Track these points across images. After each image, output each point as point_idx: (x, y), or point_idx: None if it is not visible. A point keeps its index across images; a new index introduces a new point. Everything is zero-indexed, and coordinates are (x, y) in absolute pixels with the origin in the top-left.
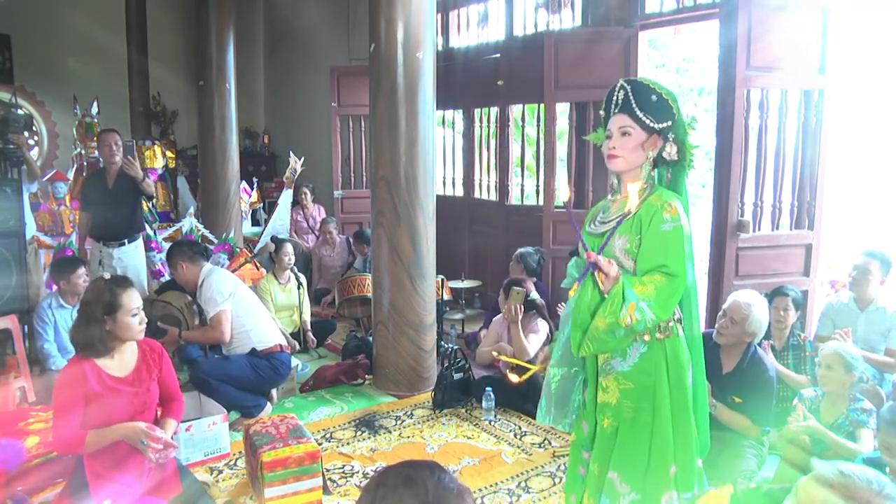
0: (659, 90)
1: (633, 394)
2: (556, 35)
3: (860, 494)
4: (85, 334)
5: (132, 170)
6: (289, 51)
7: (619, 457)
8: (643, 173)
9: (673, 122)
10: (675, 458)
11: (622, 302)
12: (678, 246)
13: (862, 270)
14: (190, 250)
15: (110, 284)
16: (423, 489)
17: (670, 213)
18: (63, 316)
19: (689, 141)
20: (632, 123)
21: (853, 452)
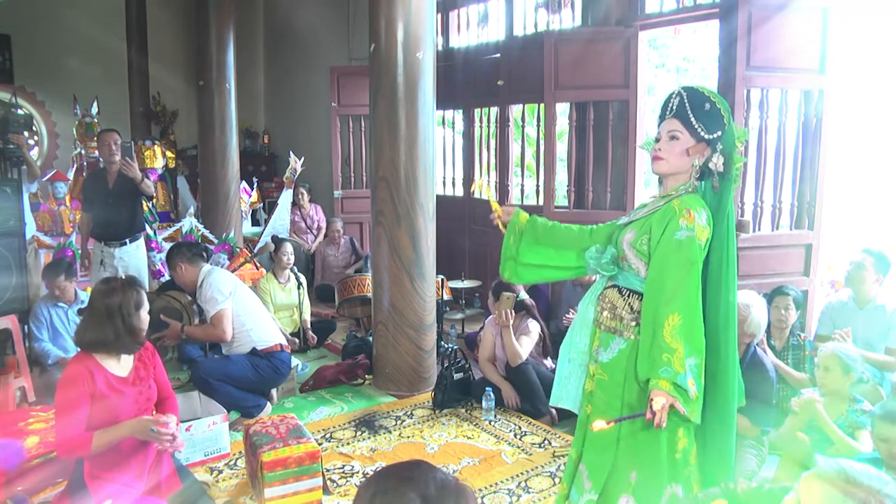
0: (714, 99)
1: (606, 387)
2: (556, 35)
3: (861, 491)
4: (97, 333)
5: (130, 171)
6: (289, 51)
7: (589, 449)
8: (688, 180)
9: (723, 133)
10: (638, 467)
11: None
12: (686, 257)
13: (857, 266)
14: (189, 251)
15: (131, 283)
16: (424, 485)
17: (686, 219)
18: (58, 314)
19: (736, 154)
20: (682, 128)
21: (853, 449)
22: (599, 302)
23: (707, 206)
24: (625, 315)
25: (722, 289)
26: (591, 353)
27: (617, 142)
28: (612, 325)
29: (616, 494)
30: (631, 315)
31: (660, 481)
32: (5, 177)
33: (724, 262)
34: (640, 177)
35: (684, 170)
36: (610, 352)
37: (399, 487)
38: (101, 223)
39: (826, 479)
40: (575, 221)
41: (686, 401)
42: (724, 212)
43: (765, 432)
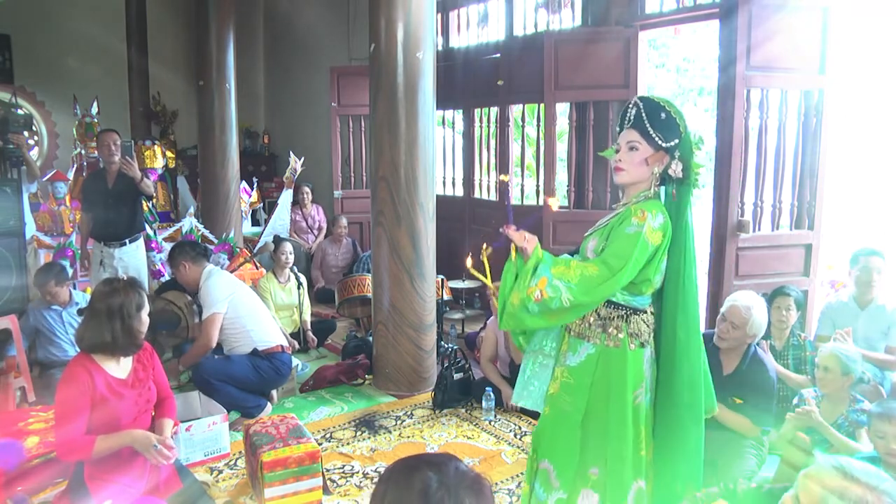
0: (669, 108)
1: (572, 389)
2: (556, 35)
3: (858, 487)
4: (96, 334)
5: (130, 170)
6: (289, 51)
7: (548, 446)
8: (650, 189)
9: (680, 141)
10: (602, 464)
11: (532, 277)
12: (629, 247)
13: (865, 270)
14: (193, 251)
15: (132, 284)
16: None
17: (637, 218)
18: (52, 317)
19: (695, 160)
20: (640, 139)
21: (853, 450)
22: None
23: (666, 213)
24: (592, 321)
25: (680, 295)
26: (559, 357)
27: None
28: (581, 331)
29: (577, 489)
30: (598, 321)
31: (626, 477)
32: (5, 177)
33: (683, 264)
34: None
35: (644, 178)
36: (578, 356)
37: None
38: (101, 223)
39: (824, 475)
40: (575, 221)
41: (527, 279)
42: (683, 217)
43: (765, 432)
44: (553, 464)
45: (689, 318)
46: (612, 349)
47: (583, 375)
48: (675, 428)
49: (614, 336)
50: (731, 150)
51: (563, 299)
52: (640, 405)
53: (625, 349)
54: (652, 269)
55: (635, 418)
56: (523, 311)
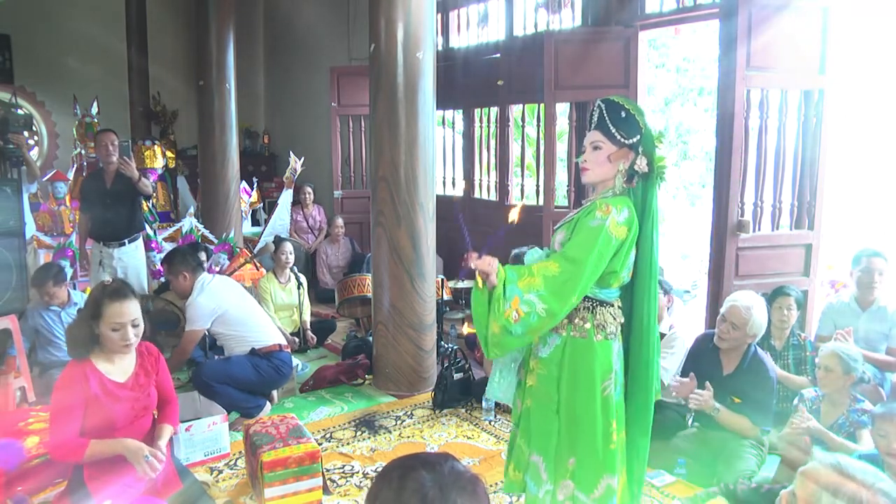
0: (628, 106)
1: (546, 380)
2: (556, 35)
3: (853, 484)
4: (74, 333)
5: (128, 170)
6: (289, 51)
7: (537, 439)
8: (616, 185)
9: (641, 137)
10: (576, 454)
11: (504, 300)
12: (591, 239)
13: (867, 271)
14: (193, 261)
15: (104, 291)
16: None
17: (601, 211)
18: (51, 318)
19: (657, 154)
20: (603, 138)
21: (852, 452)
22: None
23: (633, 208)
24: None
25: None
26: (532, 349)
27: None
28: None
29: (559, 481)
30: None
31: (596, 471)
32: (5, 177)
33: (651, 257)
34: None
35: (610, 176)
36: (548, 347)
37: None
38: (100, 223)
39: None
40: None
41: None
42: (650, 209)
43: (765, 432)
44: (542, 456)
45: (654, 308)
46: (578, 339)
47: (552, 366)
48: (647, 415)
49: (580, 326)
50: (731, 150)
51: (538, 311)
52: (608, 397)
53: (591, 340)
54: (619, 263)
55: (605, 410)
56: (507, 336)
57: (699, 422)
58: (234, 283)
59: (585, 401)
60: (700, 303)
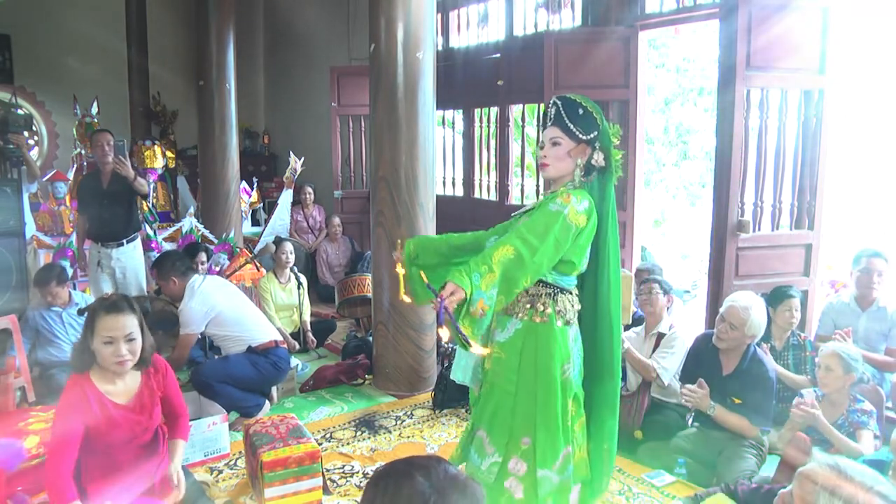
0: (585, 104)
1: (504, 363)
2: (556, 35)
3: (850, 486)
4: (76, 346)
5: (123, 169)
6: (289, 51)
7: (485, 417)
8: (574, 180)
9: (598, 133)
10: (531, 434)
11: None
12: (549, 221)
13: (867, 271)
14: (182, 265)
15: (101, 304)
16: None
17: (562, 199)
18: (52, 318)
19: (614, 149)
20: (561, 134)
21: (855, 451)
22: None
23: (592, 200)
24: (521, 298)
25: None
26: (489, 334)
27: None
28: (509, 307)
29: (509, 455)
30: (526, 298)
31: (556, 446)
32: (5, 177)
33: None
34: (640, 177)
35: (569, 171)
36: (506, 332)
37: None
38: (97, 224)
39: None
40: None
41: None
42: (608, 200)
43: (765, 432)
44: (487, 431)
45: (617, 298)
46: (539, 325)
47: (512, 350)
48: (615, 397)
49: (541, 312)
50: (731, 150)
51: (494, 301)
52: (568, 379)
53: (552, 325)
54: (578, 253)
55: (564, 391)
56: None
57: (699, 422)
58: (226, 282)
59: (546, 384)
60: (700, 303)
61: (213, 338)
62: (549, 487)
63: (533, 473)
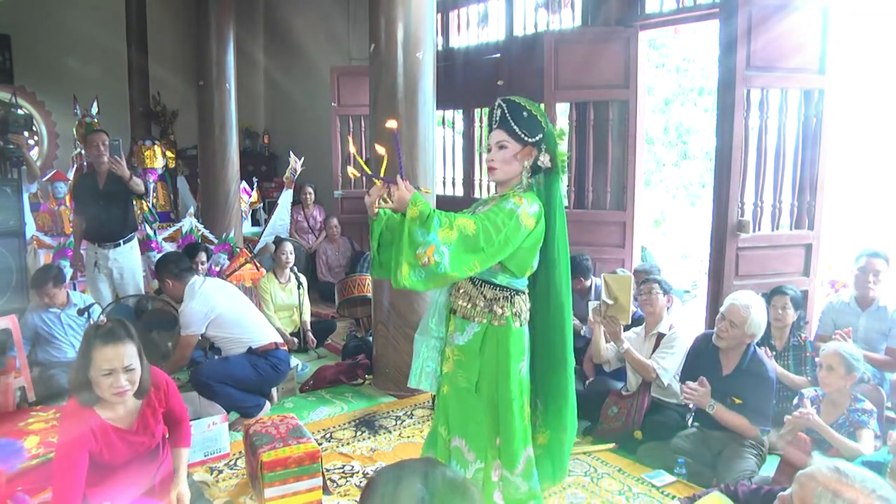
0: (530, 107)
1: (465, 366)
2: (556, 35)
3: (852, 491)
4: (74, 379)
5: (118, 169)
6: (289, 51)
7: (457, 423)
8: (521, 181)
9: (543, 135)
10: (501, 434)
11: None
12: (506, 217)
13: (867, 270)
14: (177, 268)
15: (96, 333)
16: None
17: (515, 200)
18: (50, 320)
19: (559, 150)
20: (508, 137)
21: (855, 452)
22: (454, 292)
23: (541, 203)
24: (479, 303)
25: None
26: (447, 338)
27: (617, 142)
28: (467, 312)
29: (490, 460)
30: (485, 302)
31: (517, 447)
32: (5, 177)
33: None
34: (640, 177)
35: (516, 173)
36: (466, 335)
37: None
38: (94, 224)
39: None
40: (575, 221)
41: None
42: (555, 201)
43: (765, 432)
44: (464, 439)
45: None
46: (498, 327)
47: (472, 352)
48: (565, 390)
49: (500, 315)
50: (731, 150)
51: (445, 264)
52: (523, 377)
53: (509, 327)
54: (530, 255)
55: (520, 390)
56: (411, 275)
57: (699, 422)
58: (226, 284)
59: (506, 383)
60: (700, 303)
61: (213, 339)
62: (517, 495)
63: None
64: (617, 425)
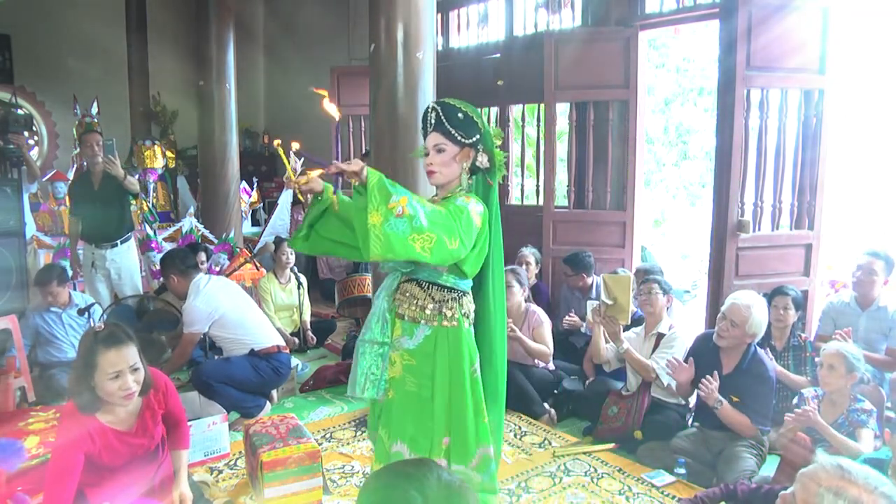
0: (465, 109)
1: (415, 370)
2: (556, 35)
3: (855, 488)
4: (75, 389)
5: (113, 168)
6: (289, 51)
7: (400, 428)
8: (462, 183)
9: (480, 136)
10: (450, 433)
11: (393, 192)
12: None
13: (867, 271)
14: (182, 264)
15: (96, 338)
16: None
17: (465, 199)
18: (51, 319)
19: (496, 150)
20: (445, 140)
21: (854, 451)
22: (397, 295)
23: (485, 204)
24: (428, 305)
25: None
26: (393, 343)
27: (617, 142)
28: (415, 315)
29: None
30: (434, 305)
31: (471, 444)
32: (5, 177)
33: (497, 244)
34: (640, 177)
35: (456, 175)
36: (416, 339)
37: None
38: (90, 225)
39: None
40: (575, 221)
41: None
42: (493, 201)
43: (765, 432)
44: (407, 443)
45: (503, 292)
46: (449, 328)
47: (423, 356)
48: (502, 386)
49: (450, 317)
50: (731, 150)
51: (421, 219)
52: (476, 378)
53: (460, 328)
54: (482, 255)
55: (474, 389)
56: (388, 229)
57: (699, 422)
58: (231, 284)
59: (458, 384)
60: (700, 303)
61: (215, 339)
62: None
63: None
64: (617, 425)
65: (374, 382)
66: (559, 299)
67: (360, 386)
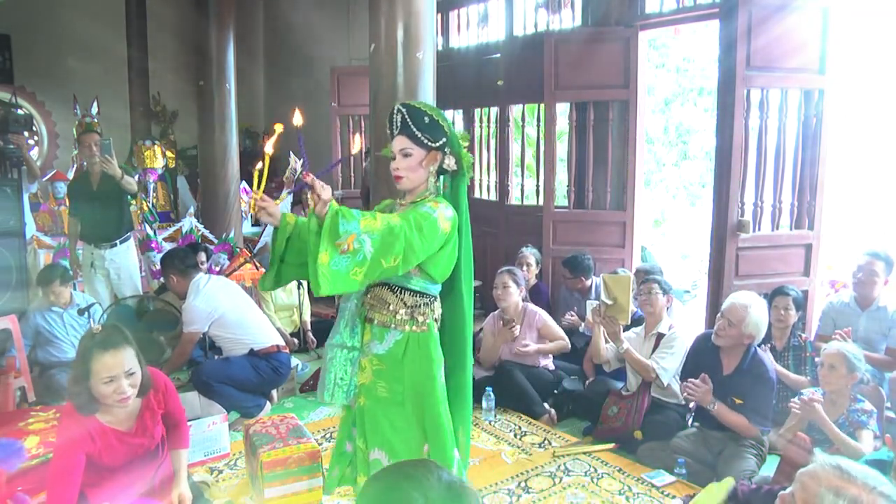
0: (430, 112)
1: (385, 375)
2: (556, 35)
3: (854, 488)
4: (72, 388)
5: (110, 168)
6: (289, 51)
7: (377, 435)
8: (430, 187)
9: (447, 139)
10: (428, 439)
11: (340, 234)
12: (423, 220)
13: (867, 272)
14: (182, 264)
15: (93, 341)
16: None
17: (433, 205)
18: (53, 319)
19: (464, 152)
20: (411, 144)
21: (854, 450)
22: (366, 299)
23: (454, 208)
24: (399, 310)
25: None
26: (363, 348)
27: (617, 142)
28: (386, 320)
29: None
30: (406, 309)
31: (449, 449)
32: (5, 177)
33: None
34: (640, 177)
35: (423, 179)
36: (386, 343)
37: (403, 485)
38: (90, 226)
39: (822, 473)
40: (575, 221)
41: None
42: (462, 204)
43: (765, 432)
44: (385, 450)
45: (471, 296)
46: (420, 333)
47: (393, 360)
48: (466, 387)
49: (421, 322)
50: (731, 150)
51: (366, 251)
52: (443, 383)
53: (431, 332)
54: (451, 260)
55: (443, 393)
56: (334, 267)
57: (699, 422)
58: (231, 284)
59: (432, 389)
60: (700, 303)
61: (215, 339)
62: None
63: None
64: (617, 425)
65: (344, 388)
66: (559, 300)
67: (329, 392)
